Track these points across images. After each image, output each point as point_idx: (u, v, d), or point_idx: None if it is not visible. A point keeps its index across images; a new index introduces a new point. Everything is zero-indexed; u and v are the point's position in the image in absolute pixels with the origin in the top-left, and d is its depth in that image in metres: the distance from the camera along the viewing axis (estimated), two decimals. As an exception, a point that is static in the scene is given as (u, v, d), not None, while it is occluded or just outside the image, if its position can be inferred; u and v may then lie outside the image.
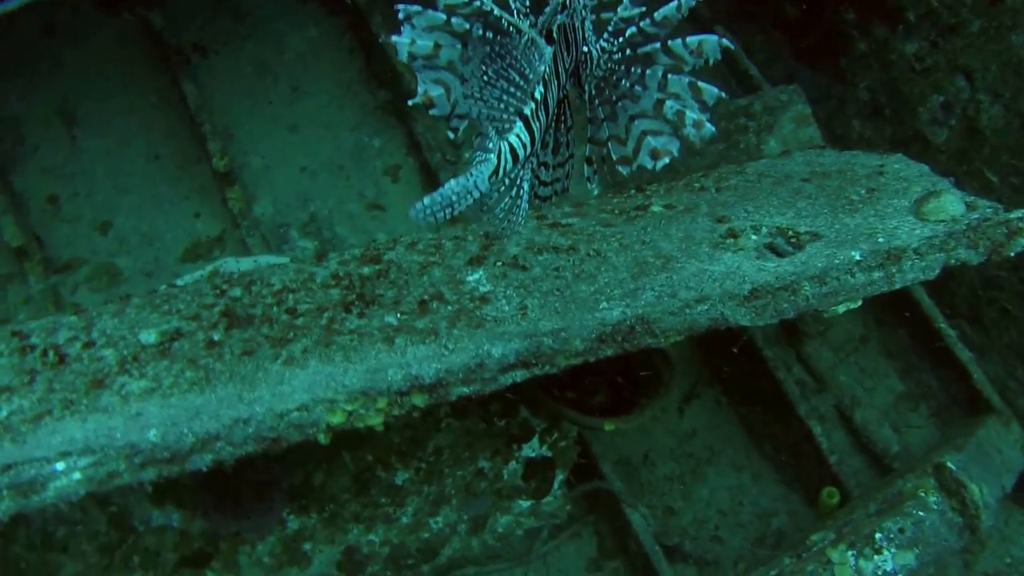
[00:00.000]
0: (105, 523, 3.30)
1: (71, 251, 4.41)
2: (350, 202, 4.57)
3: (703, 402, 4.46)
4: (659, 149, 2.40)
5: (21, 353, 2.73)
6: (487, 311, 2.72)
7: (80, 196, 4.54)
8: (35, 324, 2.87)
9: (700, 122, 2.34)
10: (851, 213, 3.08)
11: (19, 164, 4.56)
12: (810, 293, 2.85)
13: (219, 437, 2.44)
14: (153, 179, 4.56)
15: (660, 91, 2.34)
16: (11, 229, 4.22)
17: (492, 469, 3.66)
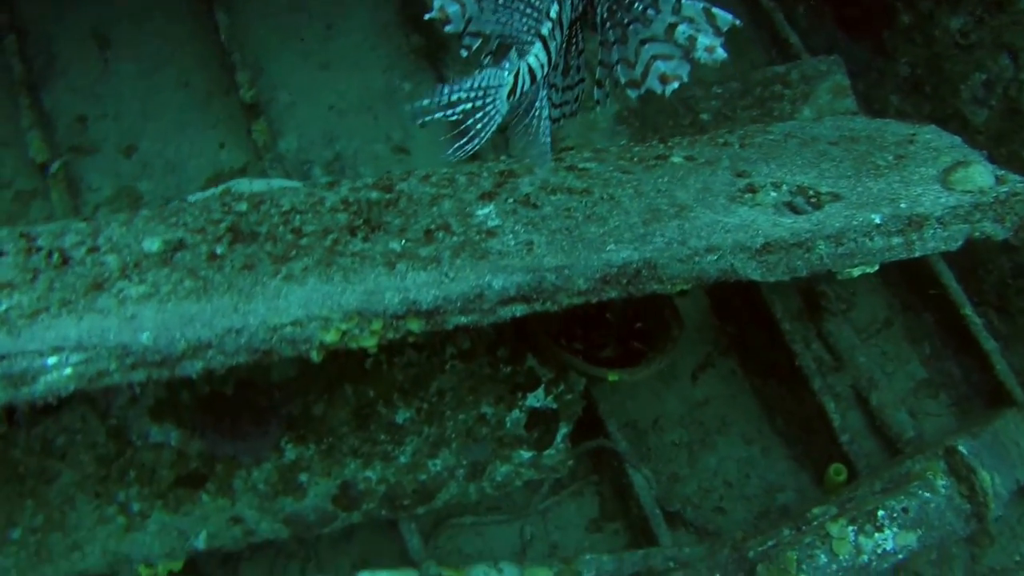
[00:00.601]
0: (104, 435, 3.32)
1: (94, 172, 4.42)
2: (376, 143, 4.56)
3: (718, 371, 4.42)
4: (668, 73, 2.38)
5: (27, 253, 2.77)
6: (492, 244, 2.71)
7: (108, 118, 4.55)
8: (44, 227, 2.91)
9: (712, 46, 2.31)
10: (875, 178, 3.04)
11: (50, 82, 4.58)
12: (825, 252, 2.82)
13: (211, 345, 2.46)
14: (181, 106, 4.57)
15: (673, 15, 2.30)
16: (36, 144, 4.25)
17: (494, 416, 3.65)
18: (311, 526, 3.60)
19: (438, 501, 3.72)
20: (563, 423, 3.76)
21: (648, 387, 4.40)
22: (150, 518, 3.44)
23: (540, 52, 2.15)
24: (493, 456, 3.72)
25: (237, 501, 3.51)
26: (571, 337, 3.57)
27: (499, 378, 3.63)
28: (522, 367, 3.62)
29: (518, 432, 3.71)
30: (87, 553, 3.43)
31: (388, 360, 3.49)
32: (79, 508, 3.39)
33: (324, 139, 4.57)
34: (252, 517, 3.53)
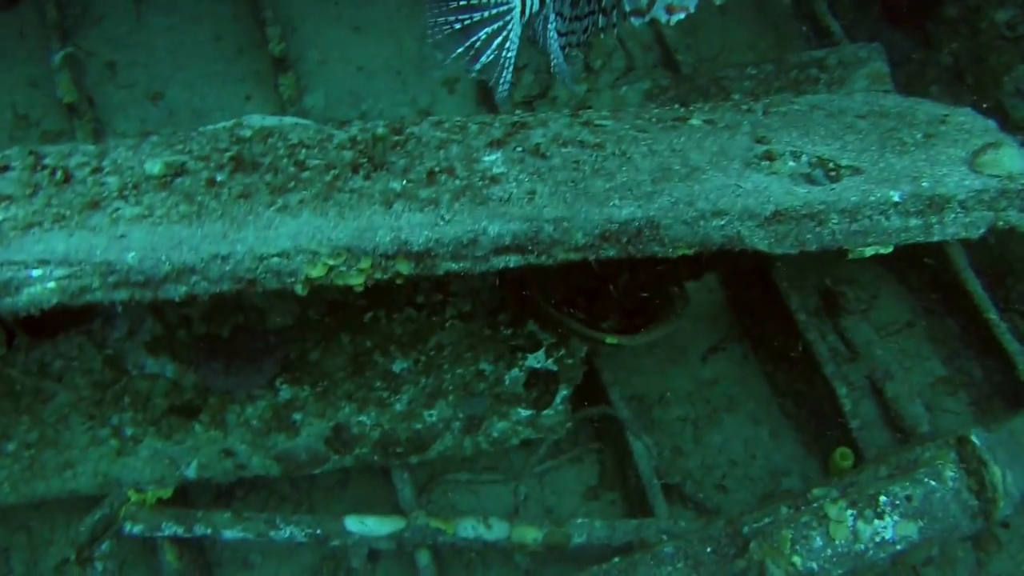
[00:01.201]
0: (100, 363, 3.35)
1: (121, 116, 4.49)
2: (402, 107, 4.56)
3: (728, 355, 4.38)
4: (675, 3, 2.32)
5: (32, 170, 2.77)
6: (494, 191, 2.67)
7: (138, 66, 4.64)
8: (54, 147, 2.91)
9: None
10: (900, 155, 2.96)
11: (83, 30, 4.68)
12: (837, 227, 2.76)
13: (195, 270, 2.46)
14: (211, 58, 4.63)
15: None
16: (65, 85, 4.36)
17: (493, 373, 3.63)
18: (302, 465, 3.61)
19: (432, 451, 3.72)
20: (563, 385, 3.74)
21: (655, 363, 4.37)
22: (142, 443, 3.48)
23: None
24: (490, 411, 3.71)
25: (229, 434, 3.53)
26: (573, 307, 3.53)
27: (499, 339, 3.62)
28: (523, 331, 3.59)
29: (516, 390, 3.69)
30: (79, 473, 3.47)
31: (387, 316, 3.47)
32: (73, 428, 3.43)
33: (350, 98, 4.59)
34: (244, 451, 3.56)
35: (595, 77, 4.46)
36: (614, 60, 4.57)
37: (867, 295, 4.39)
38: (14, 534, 3.97)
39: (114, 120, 4.49)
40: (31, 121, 4.46)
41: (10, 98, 4.54)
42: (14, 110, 4.51)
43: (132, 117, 4.48)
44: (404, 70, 4.67)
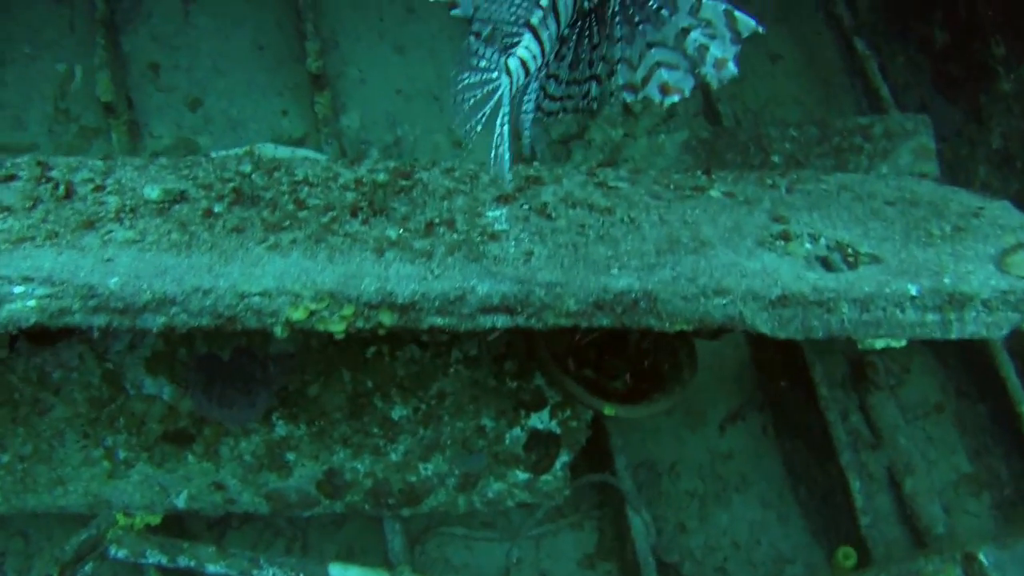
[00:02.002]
0: (99, 377, 3.31)
1: (158, 120, 4.46)
2: (438, 133, 4.49)
3: (748, 426, 4.22)
4: (670, 84, 2.23)
5: (37, 182, 2.76)
6: (491, 248, 2.59)
7: (180, 69, 4.61)
8: (63, 160, 2.90)
9: (723, 61, 2.15)
10: (925, 246, 2.84)
11: (131, 26, 4.65)
12: (847, 316, 2.63)
13: (175, 301, 2.40)
14: (252, 67, 4.59)
15: (690, 15, 2.14)
16: (104, 84, 4.31)
17: (494, 430, 3.52)
18: (292, 506, 3.54)
19: (425, 506, 3.62)
20: (565, 450, 3.62)
21: (671, 427, 4.24)
22: (134, 468, 3.43)
23: (531, 43, 2.03)
24: (488, 471, 3.60)
25: (222, 467, 3.47)
26: (583, 361, 3.41)
27: (503, 392, 3.51)
28: (529, 384, 3.49)
29: (516, 451, 3.58)
30: (70, 490, 3.44)
31: (390, 353, 3.39)
32: (67, 445, 3.39)
33: (387, 121, 4.53)
34: (235, 487, 3.49)
35: (634, 121, 4.35)
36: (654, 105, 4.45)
37: (899, 367, 4.21)
38: (11, 539, 3.93)
39: (151, 123, 4.46)
40: (71, 116, 4.45)
41: (52, 91, 4.51)
42: (55, 103, 4.48)
43: (168, 122, 4.46)
44: (442, 97, 4.61)
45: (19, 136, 4.35)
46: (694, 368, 3.31)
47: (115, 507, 3.47)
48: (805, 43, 4.90)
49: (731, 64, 2.13)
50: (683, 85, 2.23)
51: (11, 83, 4.49)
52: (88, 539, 3.49)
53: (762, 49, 4.89)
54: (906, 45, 4.71)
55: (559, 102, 2.42)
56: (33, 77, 4.51)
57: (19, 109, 4.43)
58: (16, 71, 4.52)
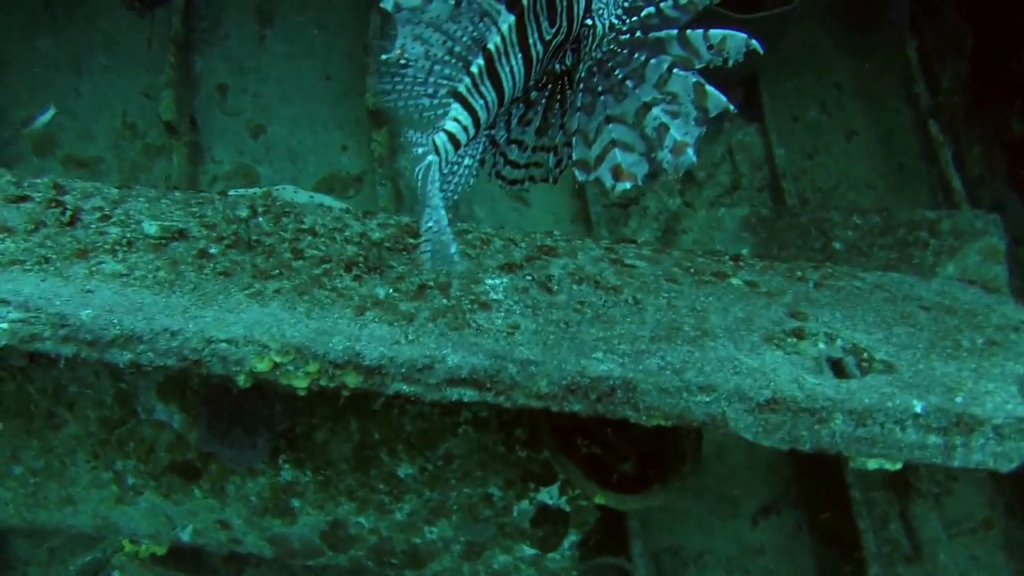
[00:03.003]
0: (112, 397, 3.29)
1: (221, 144, 4.51)
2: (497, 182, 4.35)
3: (782, 521, 3.96)
4: (624, 168, 2.05)
5: (47, 205, 2.76)
6: (478, 318, 2.47)
7: (247, 93, 4.64)
8: (80, 184, 2.90)
9: (682, 146, 1.96)
10: (947, 359, 2.59)
11: (206, 46, 4.71)
12: (840, 429, 2.42)
13: (143, 340, 2.33)
14: (318, 98, 4.60)
15: (657, 88, 1.97)
16: (167, 103, 4.35)
17: (502, 500, 3.37)
18: (295, 554, 3.46)
19: (428, 570, 3.47)
20: (573, 530, 3.44)
21: (702, 513, 4.00)
22: (142, 496, 3.42)
23: (461, 114, 1.90)
24: (493, 542, 3.43)
25: (227, 506, 3.42)
26: (592, 438, 3.23)
27: (512, 460, 3.36)
28: (539, 455, 3.32)
29: (523, 525, 3.43)
30: (79, 511, 3.45)
31: (400, 406, 3.27)
32: (78, 464, 3.40)
33: (447, 168, 4.40)
34: (239, 526, 3.44)
35: (696, 191, 4.16)
36: (719, 174, 4.27)
37: (944, 475, 3.89)
38: (36, 549, 3.95)
39: (213, 146, 4.51)
40: (137, 132, 4.53)
41: (123, 106, 4.60)
42: (124, 118, 4.56)
43: (230, 147, 4.50)
44: (504, 143, 4.49)
45: (86, 148, 4.42)
46: (698, 462, 3.10)
47: (122, 532, 3.44)
48: (883, 121, 4.65)
49: (690, 151, 1.96)
50: (636, 171, 2.06)
51: (85, 94, 4.60)
52: (92, 561, 3.48)
53: (839, 123, 4.64)
54: (985, 136, 4.40)
55: (523, 169, 2.26)
56: (106, 90, 4.61)
57: (90, 121, 4.52)
58: (91, 82, 4.63)
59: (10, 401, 3.29)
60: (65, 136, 4.58)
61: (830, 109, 4.64)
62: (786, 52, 4.69)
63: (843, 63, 4.81)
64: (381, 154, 4.28)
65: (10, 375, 3.27)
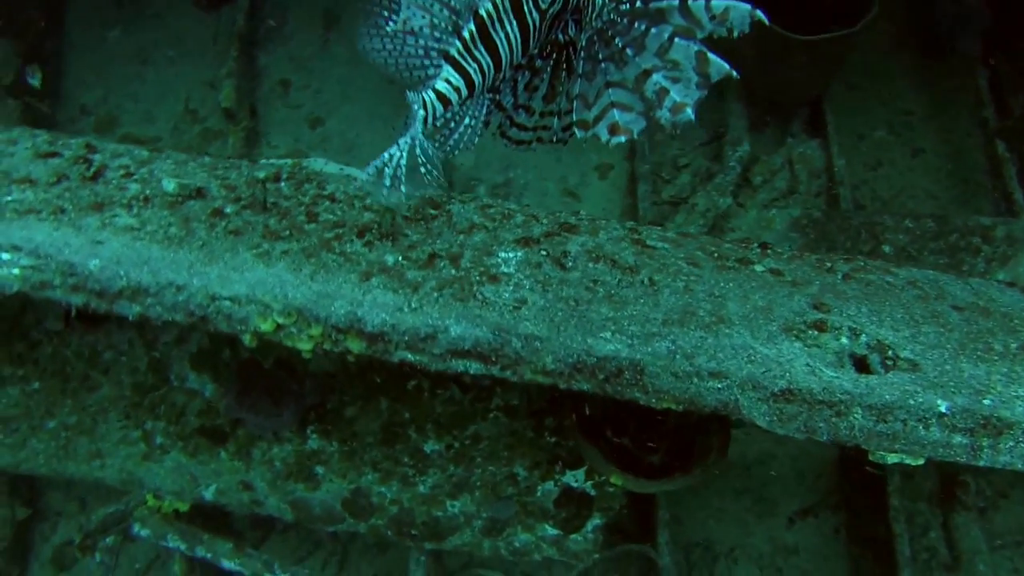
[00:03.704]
0: (145, 364, 3.25)
1: (278, 132, 4.53)
2: (549, 181, 4.30)
3: (819, 524, 3.79)
4: (619, 125, 1.98)
5: (75, 161, 2.72)
6: (486, 290, 2.36)
7: (309, 89, 4.68)
8: (111, 146, 2.86)
9: (680, 106, 1.94)
10: (977, 361, 2.41)
11: (271, 44, 4.78)
12: (859, 424, 2.27)
13: (149, 292, 2.28)
14: (378, 99, 4.59)
15: (658, 56, 1.91)
16: (227, 92, 4.44)
17: (527, 480, 3.27)
18: (316, 519, 3.39)
19: (448, 543, 3.39)
20: (597, 513, 3.32)
21: (738, 510, 3.85)
22: (169, 455, 3.39)
23: (452, 75, 1.91)
24: (516, 519, 3.33)
25: (252, 469, 3.37)
26: (622, 430, 3.11)
27: (540, 444, 3.25)
28: (567, 442, 3.20)
29: (546, 505, 3.31)
30: (107, 465, 3.42)
31: (431, 390, 3.18)
32: (109, 422, 3.38)
33: (501, 164, 4.38)
34: (262, 489, 3.39)
35: (751, 193, 4.01)
36: (777, 180, 4.11)
37: (994, 491, 3.69)
38: (68, 503, 3.95)
39: (271, 133, 4.53)
40: (197, 117, 4.60)
41: (186, 92, 4.67)
42: (187, 104, 4.64)
43: (287, 135, 4.52)
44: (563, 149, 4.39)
45: (146, 129, 4.47)
46: (723, 455, 2.95)
47: (147, 488, 3.40)
48: (952, 141, 4.45)
49: (689, 110, 1.91)
50: (632, 126, 2.01)
51: (150, 81, 4.71)
52: (116, 513, 3.48)
53: (906, 141, 4.45)
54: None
55: (531, 132, 2.19)
56: (170, 79, 4.71)
57: (152, 105, 4.60)
58: (156, 71, 4.75)
59: (47, 362, 3.29)
60: (127, 117, 4.67)
61: (898, 130, 4.48)
62: (854, 78, 4.60)
63: (912, 89, 4.68)
64: None
65: (47, 338, 3.26)
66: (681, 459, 3.10)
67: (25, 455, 3.41)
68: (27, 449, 3.40)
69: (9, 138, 2.92)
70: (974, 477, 3.64)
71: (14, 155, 2.80)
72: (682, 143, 4.40)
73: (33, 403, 3.32)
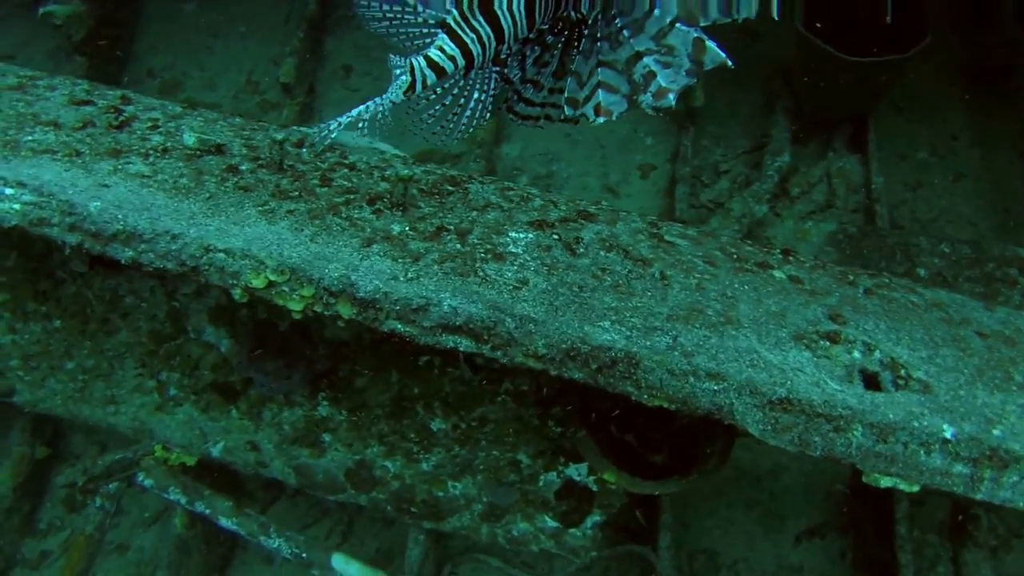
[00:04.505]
0: (164, 313, 3.18)
1: (333, 109, 4.46)
2: (590, 177, 4.18)
3: (825, 545, 3.61)
4: (603, 106, 1.90)
5: (105, 111, 2.67)
6: (488, 268, 2.25)
7: (370, 76, 4.67)
8: (146, 99, 2.82)
9: (664, 91, 1.86)
10: (993, 390, 2.25)
11: (341, 30, 4.82)
12: (858, 441, 2.12)
13: (143, 239, 2.20)
14: None
15: (654, 40, 1.79)
16: (287, 68, 4.46)
17: (529, 468, 3.15)
18: (318, 486, 3.31)
19: (447, 524, 3.29)
20: (597, 510, 3.19)
21: (745, 523, 3.68)
22: (181, 407, 3.30)
23: (447, 44, 1.87)
24: (516, 508, 3.21)
25: (260, 430, 3.28)
26: (627, 427, 2.97)
27: (546, 434, 3.12)
28: (573, 434, 3.07)
29: (547, 496, 3.19)
30: (120, 411, 3.37)
31: (441, 367, 3.07)
32: (125, 369, 3.30)
33: (545, 157, 4.28)
34: (269, 451, 3.30)
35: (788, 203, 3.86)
36: (815, 193, 3.96)
37: (1007, 530, 3.49)
38: (89, 446, 3.92)
39: (324, 111, 4.54)
40: (258, 89, 4.62)
41: (250, 66, 4.71)
42: (248, 76, 4.65)
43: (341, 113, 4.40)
44: (608, 145, 4.30)
45: (207, 96, 4.49)
46: (724, 461, 2.80)
47: (157, 438, 3.34)
48: (994, 169, 4.25)
49: (671, 96, 1.81)
50: (615, 108, 1.92)
51: (218, 52, 4.77)
52: (122, 460, 3.42)
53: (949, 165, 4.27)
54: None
55: (539, 108, 2.09)
56: (237, 52, 4.77)
57: (216, 74, 4.65)
58: (225, 44, 4.81)
59: (69, 302, 3.23)
60: (190, 83, 4.73)
61: (941, 152, 4.31)
62: (901, 100, 4.46)
63: (958, 115, 4.51)
64: (484, 138, 4.21)
65: (71, 278, 3.21)
66: (684, 461, 2.96)
67: (44, 394, 3.37)
68: (45, 388, 3.36)
69: (50, 84, 2.88)
70: (987, 512, 3.44)
71: (49, 100, 2.76)
72: (724, 149, 4.26)
73: (54, 342, 3.27)
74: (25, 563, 3.85)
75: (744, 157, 4.18)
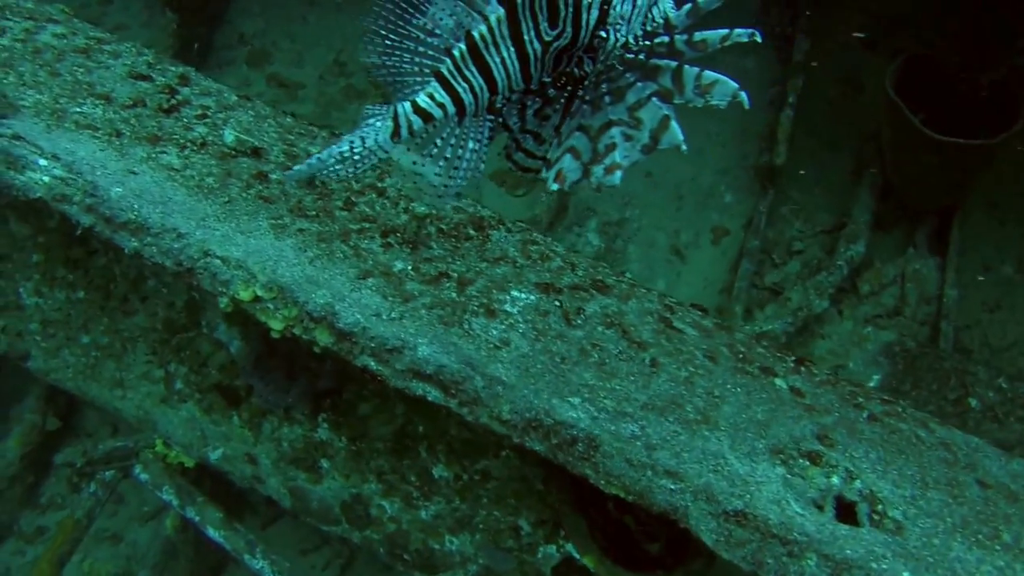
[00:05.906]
0: (182, 302, 3.77)
1: None
2: (661, 233, 4.60)
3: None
4: (563, 172, 2.31)
5: (160, 90, 3.28)
6: (475, 322, 2.77)
7: None
8: (204, 82, 3.43)
9: (615, 167, 2.22)
10: (972, 545, 2.63)
11: None
12: (810, 571, 2.51)
13: (151, 232, 2.79)
14: None
15: (628, 111, 2.24)
16: None
17: (529, 537, 3.61)
18: (311, 513, 3.82)
19: (437, 581, 3.77)
20: (594, 590, 3.64)
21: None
22: (185, 404, 3.88)
23: (438, 91, 2.24)
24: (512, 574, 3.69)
25: (259, 443, 3.82)
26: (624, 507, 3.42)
27: (548, 501, 3.59)
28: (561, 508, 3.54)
29: (544, 570, 3.65)
30: (126, 396, 3.96)
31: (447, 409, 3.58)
32: (137, 353, 3.90)
33: (621, 199, 4.72)
34: (266, 466, 3.84)
35: (855, 302, 4.23)
36: (884, 295, 4.31)
37: None
38: (102, 426, 4.57)
39: None
40: (344, 71, 5.18)
41: (340, 44, 5.28)
42: (337, 57, 5.20)
43: None
44: (687, 196, 4.70)
45: (293, 73, 5.04)
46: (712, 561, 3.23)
47: (159, 432, 3.93)
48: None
49: (618, 174, 2.20)
50: (570, 177, 2.30)
51: (311, 23, 5.36)
52: (122, 448, 4.01)
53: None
54: None
55: (539, 160, 2.51)
56: (330, 25, 5.34)
57: (305, 48, 5.23)
58: (319, 15, 5.38)
59: (96, 274, 3.84)
60: (279, 56, 5.33)
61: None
62: (996, 195, 4.67)
63: None
64: None
65: (104, 251, 3.81)
66: (679, 554, 3.37)
67: (56, 364, 4.01)
68: (59, 359, 4.00)
69: (116, 50, 3.52)
70: None
71: (109, 69, 3.40)
72: (803, 223, 4.61)
73: (74, 312, 3.90)
74: (22, 535, 4.52)
75: (821, 237, 4.53)
